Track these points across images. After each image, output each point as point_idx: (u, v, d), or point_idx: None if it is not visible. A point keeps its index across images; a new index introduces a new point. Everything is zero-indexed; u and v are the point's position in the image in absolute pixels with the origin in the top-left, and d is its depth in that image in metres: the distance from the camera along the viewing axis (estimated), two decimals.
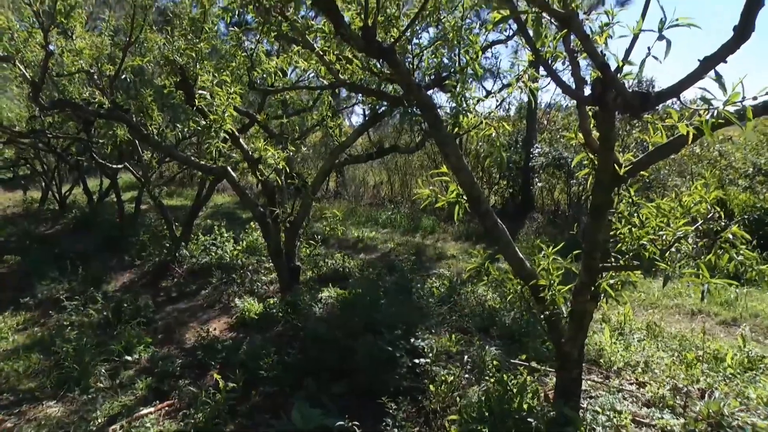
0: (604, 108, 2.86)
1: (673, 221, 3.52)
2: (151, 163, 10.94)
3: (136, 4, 6.94)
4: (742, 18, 2.46)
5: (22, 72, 7.12)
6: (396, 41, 3.63)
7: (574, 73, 3.07)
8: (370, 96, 5.87)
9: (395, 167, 18.52)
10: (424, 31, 5.04)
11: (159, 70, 8.84)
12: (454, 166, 3.82)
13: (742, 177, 12.21)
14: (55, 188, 16.56)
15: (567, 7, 2.79)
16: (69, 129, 12.73)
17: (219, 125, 5.69)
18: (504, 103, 5.18)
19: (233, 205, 17.40)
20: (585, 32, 2.60)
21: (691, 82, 2.67)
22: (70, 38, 7.86)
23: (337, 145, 7.85)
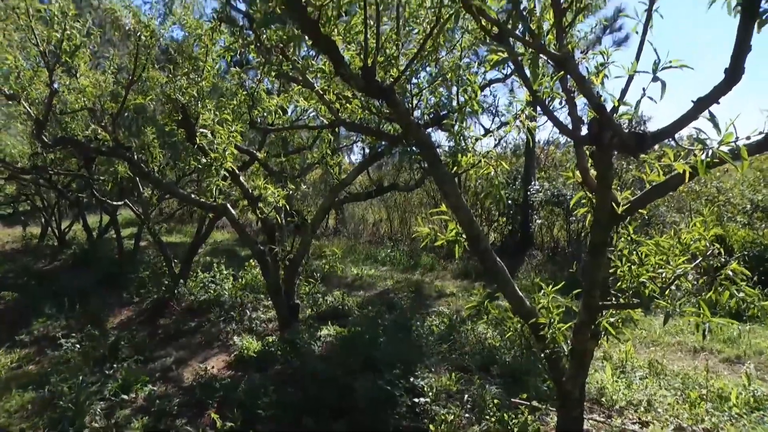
0: (601, 148, 2.90)
1: (673, 259, 3.53)
2: (151, 200, 10.98)
3: (140, 43, 7.05)
4: (732, 62, 2.52)
5: (26, 110, 7.22)
6: (395, 81, 3.69)
7: (571, 113, 3.12)
8: (369, 135, 5.94)
9: (394, 204, 18.58)
10: (422, 70, 5.12)
11: (161, 107, 8.95)
12: (453, 204, 3.85)
13: (741, 213, 12.25)
14: (55, 224, 16.60)
15: (562, 49, 2.86)
16: (70, 165, 12.83)
17: (219, 163, 5.74)
18: (502, 140, 5.25)
19: (233, 242, 17.40)
20: (580, 74, 2.65)
21: (686, 123, 2.72)
22: (74, 77, 7.98)
23: (337, 183, 7.90)
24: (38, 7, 6.70)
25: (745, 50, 2.52)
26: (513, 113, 4.05)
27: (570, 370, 3.94)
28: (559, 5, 3.03)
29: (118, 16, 6.93)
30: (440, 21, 3.45)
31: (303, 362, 6.34)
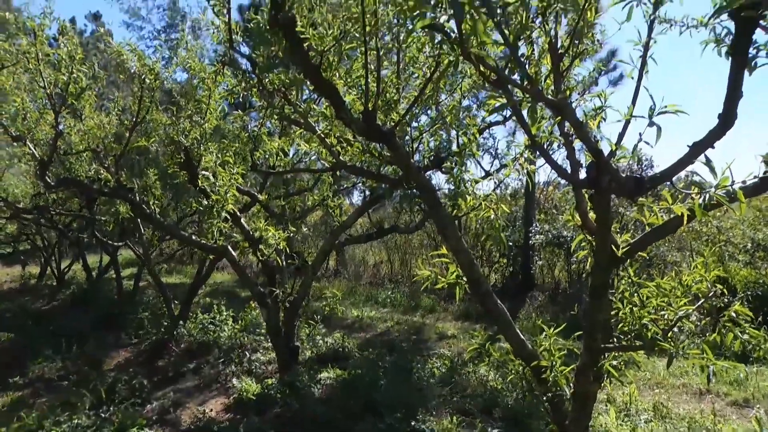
0: (599, 192, 2.92)
1: (674, 300, 3.52)
2: (151, 240, 11.00)
3: (144, 86, 7.17)
4: (725, 108, 2.57)
5: (31, 151, 7.31)
6: (396, 125, 3.75)
7: (570, 156, 3.16)
8: (370, 179, 6.00)
9: (395, 246, 18.57)
10: (423, 113, 5.20)
11: (163, 149, 9.04)
12: (454, 247, 3.86)
13: (742, 252, 12.21)
14: (55, 264, 16.56)
15: (560, 94, 2.91)
16: (72, 205, 12.89)
17: (221, 205, 5.78)
18: (502, 183, 5.30)
19: (233, 283, 17.34)
20: (578, 119, 2.70)
21: (683, 167, 2.76)
22: (80, 118, 8.10)
23: (338, 225, 7.94)
24: (47, 51, 6.84)
25: (737, 96, 2.58)
26: (512, 156, 4.10)
27: (573, 414, 3.89)
28: (556, 51, 3.10)
29: (124, 59, 7.06)
30: (440, 66, 3.53)
31: (303, 405, 6.25)
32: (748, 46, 2.52)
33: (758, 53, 2.64)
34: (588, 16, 3.24)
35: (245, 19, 4.32)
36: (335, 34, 3.55)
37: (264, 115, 5.36)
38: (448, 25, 2.05)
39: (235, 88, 4.52)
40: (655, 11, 2.97)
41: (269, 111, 4.41)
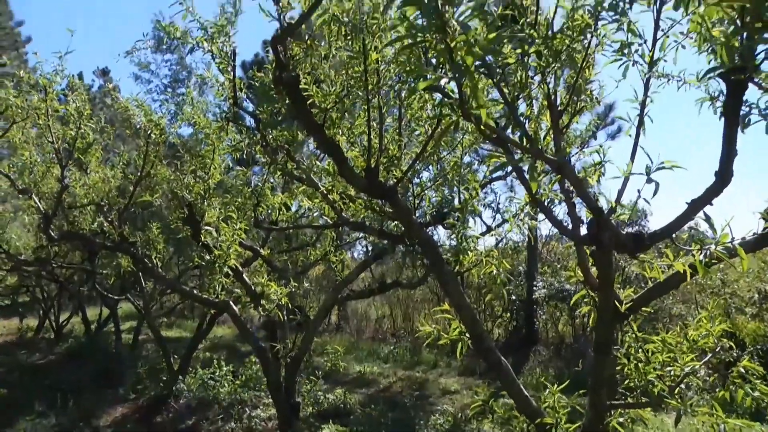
0: (600, 248, 2.94)
1: (681, 356, 3.48)
2: (152, 294, 10.95)
3: (149, 140, 7.29)
4: (721, 166, 2.61)
5: (36, 204, 7.38)
6: (398, 182, 3.80)
7: (570, 213, 3.18)
8: (372, 235, 6.04)
9: (397, 301, 18.44)
10: (424, 169, 5.27)
11: (167, 202, 9.11)
12: (456, 303, 3.85)
13: (749, 305, 12.04)
14: (53, 316, 16.44)
15: (559, 152, 2.96)
16: (73, 258, 12.90)
17: (223, 261, 5.79)
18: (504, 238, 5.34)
19: (233, 337, 17.16)
20: (577, 178, 2.74)
21: (682, 223, 2.79)
22: (85, 172, 8.20)
23: (340, 280, 7.92)
24: (56, 107, 6.99)
25: (732, 154, 2.62)
26: (513, 211, 4.13)
27: None
28: (555, 108, 3.17)
29: (131, 114, 7.20)
30: (441, 123, 3.60)
31: None
32: (739, 107, 2.58)
33: (751, 111, 2.69)
34: (585, 74, 3.33)
35: (249, 75, 4.44)
36: (338, 92, 3.64)
37: (267, 171, 5.43)
38: (449, 87, 2.11)
39: (239, 144, 4.60)
40: (650, 70, 3.05)
41: (272, 167, 4.48)
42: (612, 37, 3.11)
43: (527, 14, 3.14)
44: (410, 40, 2.03)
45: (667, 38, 3.00)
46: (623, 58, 3.06)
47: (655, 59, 3.01)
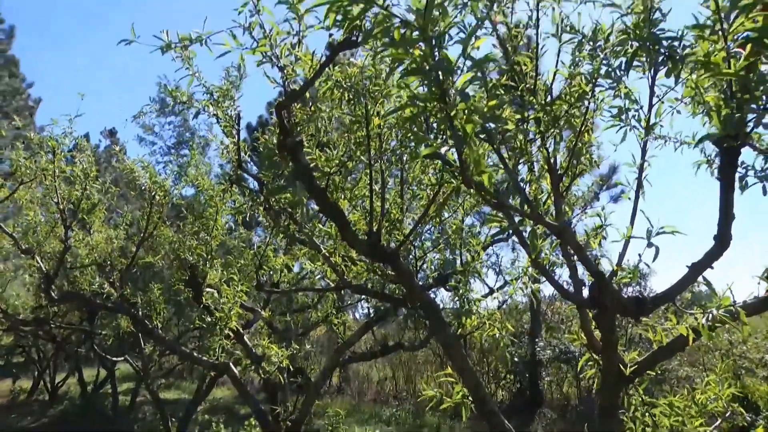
0: (603, 312, 2.93)
1: (689, 420, 3.42)
2: (151, 355, 10.82)
3: (154, 202, 7.36)
4: (719, 230, 2.63)
5: (38, 264, 7.38)
6: (400, 245, 3.81)
7: (572, 276, 3.19)
8: (374, 298, 6.02)
9: (399, 363, 18.18)
10: (426, 233, 5.30)
11: (168, 264, 9.12)
12: (459, 367, 3.80)
13: (760, 366, 11.78)
14: (49, 378, 16.13)
15: (560, 216, 2.99)
16: (72, 318, 12.79)
17: (224, 323, 5.76)
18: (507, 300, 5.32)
19: (233, 399, 16.82)
20: (578, 243, 2.76)
21: (684, 287, 2.79)
22: (88, 232, 8.23)
23: (342, 343, 7.84)
24: (63, 169, 7.09)
25: (730, 218, 2.65)
26: (516, 273, 4.13)
27: None
28: (555, 172, 3.21)
29: (136, 176, 7.30)
30: (443, 187, 3.65)
31: None
32: (733, 172, 2.62)
33: (747, 173, 2.72)
34: (585, 137, 3.39)
35: (253, 138, 4.53)
36: (340, 156, 3.71)
37: (270, 233, 5.45)
38: (450, 155, 2.15)
39: (242, 206, 4.65)
40: (647, 135, 3.11)
41: (275, 230, 4.52)
42: (609, 102, 3.19)
43: (526, 80, 3.23)
44: (411, 110, 2.09)
45: (663, 104, 3.08)
46: (621, 123, 3.13)
47: (652, 124, 3.08)
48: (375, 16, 2.22)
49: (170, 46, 3.34)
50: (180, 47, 3.42)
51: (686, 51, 2.65)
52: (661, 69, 2.87)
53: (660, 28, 2.78)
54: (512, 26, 3.40)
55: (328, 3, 2.16)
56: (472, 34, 2.01)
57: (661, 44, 2.72)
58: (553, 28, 3.35)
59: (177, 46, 3.38)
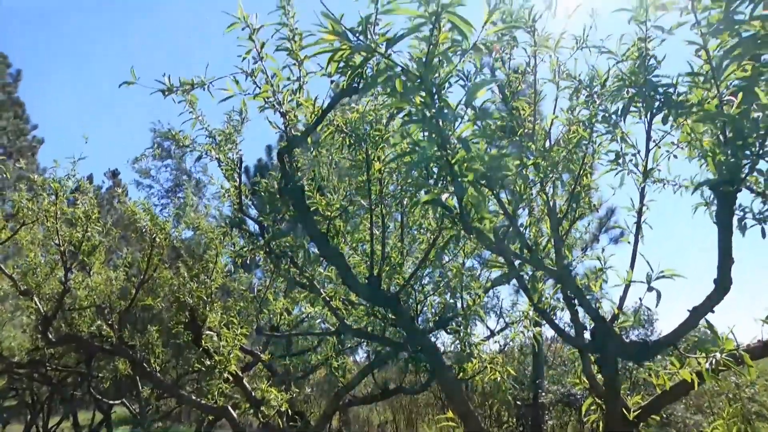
0: (605, 356, 2.91)
1: None
2: (149, 399, 10.66)
3: (154, 244, 7.36)
4: (719, 273, 2.62)
5: (37, 306, 7.35)
6: (400, 290, 3.81)
7: (573, 320, 3.18)
8: (375, 342, 5.98)
9: (400, 406, 17.89)
10: (427, 276, 5.30)
11: (168, 305, 9.07)
12: (461, 412, 3.75)
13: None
14: (41, 421, 15.78)
15: (560, 260, 3.00)
16: (69, 360, 12.61)
17: (224, 366, 5.71)
18: (508, 343, 5.27)
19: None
20: (578, 288, 2.76)
21: (685, 331, 2.78)
22: (88, 274, 8.21)
23: (341, 386, 7.75)
24: (65, 210, 7.12)
25: (729, 262, 2.64)
26: (517, 316, 4.12)
27: None
28: (555, 215, 3.23)
29: (137, 218, 7.32)
30: (443, 232, 3.67)
31: None
32: (730, 216, 2.63)
33: (746, 215, 2.73)
34: (584, 181, 3.42)
35: (253, 182, 4.57)
36: (341, 200, 3.73)
37: (270, 277, 5.44)
38: (450, 201, 2.17)
39: (242, 249, 4.66)
40: (645, 180, 3.14)
41: (276, 273, 4.52)
42: (607, 146, 3.24)
43: (525, 125, 3.28)
44: (412, 156, 2.12)
45: (659, 148, 3.12)
46: (618, 167, 3.17)
47: (649, 169, 3.12)
48: (377, 63, 2.27)
49: (172, 89, 3.41)
50: (182, 91, 3.48)
51: (681, 98, 2.70)
52: (658, 115, 2.91)
53: (655, 75, 2.84)
54: (510, 72, 3.47)
55: (329, 52, 2.21)
56: (475, 91, 2.05)
57: (656, 91, 2.77)
58: (551, 73, 3.43)
59: (179, 90, 3.45)
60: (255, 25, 3.20)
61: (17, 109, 27.94)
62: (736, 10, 2.06)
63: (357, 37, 2.13)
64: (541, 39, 3.27)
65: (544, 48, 3.17)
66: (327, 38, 2.16)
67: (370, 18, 2.18)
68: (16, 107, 27.96)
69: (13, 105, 27.77)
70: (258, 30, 3.21)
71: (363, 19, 2.15)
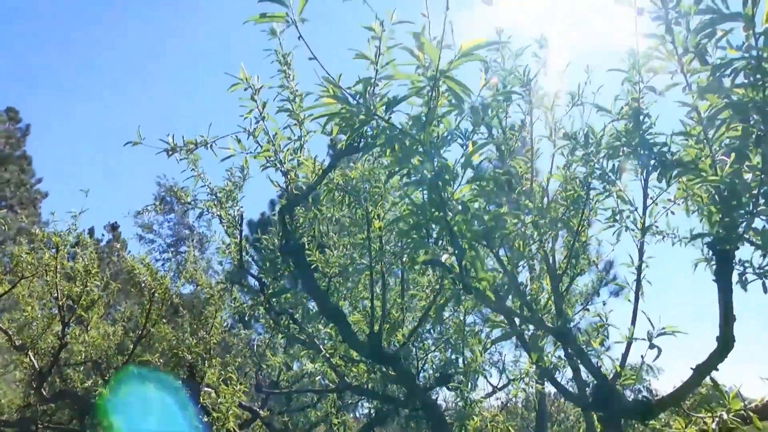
0: (608, 415, 2.87)
1: None
2: None
3: (153, 299, 7.32)
4: (721, 331, 2.59)
5: (32, 362, 7.25)
6: (401, 347, 3.79)
7: (575, 378, 3.14)
8: (375, 399, 5.90)
9: None
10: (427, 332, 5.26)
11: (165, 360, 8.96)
12: None
13: None
14: None
15: (561, 317, 2.98)
16: (61, 417, 12.32)
17: (221, 423, 5.60)
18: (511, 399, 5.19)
19: None
20: (580, 347, 2.75)
21: (689, 390, 2.74)
22: (86, 329, 8.12)
23: None
24: (65, 265, 7.12)
25: (730, 320, 2.61)
26: (519, 372, 4.07)
27: None
28: (555, 272, 3.24)
29: (136, 273, 7.31)
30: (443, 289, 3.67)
31: None
32: (729, 274, 2.61)
33: (746, 270, 2.71)
34: (582, 237, 3.44)
35: (254, 238, 4.59)
36: (341, 257, 3.75)
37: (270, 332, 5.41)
38: (450, 260, 2.18)
39: (242, 306, 4.65)
40: (643, 236, 3.16)
41: (275, 329, 4.50)
42: (604, 203, 3.27)
43: (522, 182, 3.32)
44: (413, 219, 2.14)
45: (657, 205, 3.15)
46: (616, 224, 3.19)
47: (647, 225, 3.13)
48: (377, 124, 2.32)
49: (175, 149, 3.47)
50: (185, 151, 3.54)
51: (675, 156, 2.74)
52: (653, 172, 2.94)
53: (649, 133, 2.88)
54: (507, 128, 3.54)
55: (329, 115, 2.26)
56: (473, 153, 2.09)
57: (651, 150, 2.80)
58: (547, 130, 3.49)
59: (182, 149, 3.51)
60: (257, 85, 3.29)
61: (23, 162, 28.23)
62: (724, 73, 2.12)
63: (357, 100, 2.18)
64: (537, 97, 3.35)
65: (540, 107, 3.24)
66: (327, 101, 2.21)
67: (369, 82, 2.24)
68: (23, 161, 28.25)
69: (20, 159, 28.09)
70: (259, 90, 3.29)
71: (363, 82, 2.20)
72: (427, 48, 1.96)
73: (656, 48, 2.50)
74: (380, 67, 2.36)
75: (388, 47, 2.40)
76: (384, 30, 2.40)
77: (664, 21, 2.35)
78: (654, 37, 2.44)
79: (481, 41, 2.04)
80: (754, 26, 1.93)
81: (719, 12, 1.99)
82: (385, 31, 2.40)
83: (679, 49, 2.43)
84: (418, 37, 1.97)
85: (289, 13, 2.21)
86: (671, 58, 2.48)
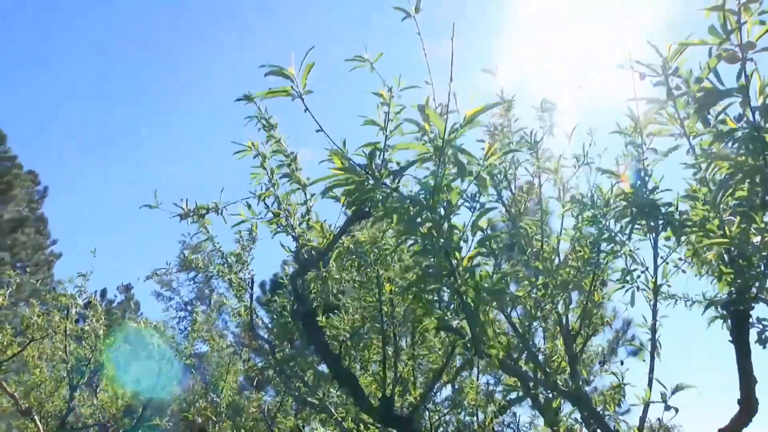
0: None
1: None
2: None
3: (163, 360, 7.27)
4: (742, 394, 2.53)
5: (38, 427, 7.16)
6: (414, 410, 3.73)
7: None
8: None
9: None
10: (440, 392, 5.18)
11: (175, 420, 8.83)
12: None
13: None
14: None
15: (576, 378, 2.94)
16: None
17: None
18: None
19: None
20: (595, 410, 2.70)
21: None
22: (94, 392, 8.04)
23: None
24: (75, 327, 7.12)
25: (751, 382, 2.54)
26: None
27: None
28: (568, 333, 3.21)
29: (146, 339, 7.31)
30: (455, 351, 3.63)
31: None
32: (745, 335, 2.58)
33: (765, 329, 2.67)
34: (595, 297, 3.41)
35: (265, 300, 4.59)
36: (352, 320, 3.73)
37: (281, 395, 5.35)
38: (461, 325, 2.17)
39: (253, 368, 4.62)
40: (656, 297, 3.13)
41: (286, 393, 4.45)
42: (614, 263, 3.26)
43: (533, 243, 3.33)
44: (424, 285, 2.15)
45: (667, 265, 3.13)
46: (627, 284, 3.17)
47: (659, 285, 3.11)
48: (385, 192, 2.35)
49: (188, 214, 3.53)
50: (197, 216, 3.61)
51: (684, 217, 2.74)
52: (662, 232, 2.95)
53: (656, 191, 2.90)
54: (516, 191, 3.58)
55: (338, 184, 2.30)
56: (481, 215, 2.12)
57: (658, 210, 2.81)
58: (555, 191, 3.52)
59: (194, 214, 3.58)
60: (265, 151, 3.36)
61: (39, 225, 28.61)
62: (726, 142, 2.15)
63: (364, 168, 2.22)
64: (543, 160, 3.40)
65: (547, 170, 3.28)
66: (334, 171, 2.25)
67: (379, 147, 2.28)
68: (39, 223, 28.64)
69: (36, 221, 28.47)
70: (267, 157, 3.36)
71: (371, 148, 2.24)
72: (433, 118, 2.01)
73: (657, 112, 2.55)
74: (389, 133, 2.42)
75: (395, 113, 2.47)
76: (392, 96, 2.47)
77: (665, 86, 2.40)
78: (656, 102, 2.49)
79: (483, 107, 2.08)
80: (749, 101, 1.97)
81: (715, 90, 2.05)
82: (393, 97, 2.47)
83: (681, 113, 2.48)
84: (422, 109, 2.02)
85: (294, 87, 2.28)
86: (673, 122, 2.53)
